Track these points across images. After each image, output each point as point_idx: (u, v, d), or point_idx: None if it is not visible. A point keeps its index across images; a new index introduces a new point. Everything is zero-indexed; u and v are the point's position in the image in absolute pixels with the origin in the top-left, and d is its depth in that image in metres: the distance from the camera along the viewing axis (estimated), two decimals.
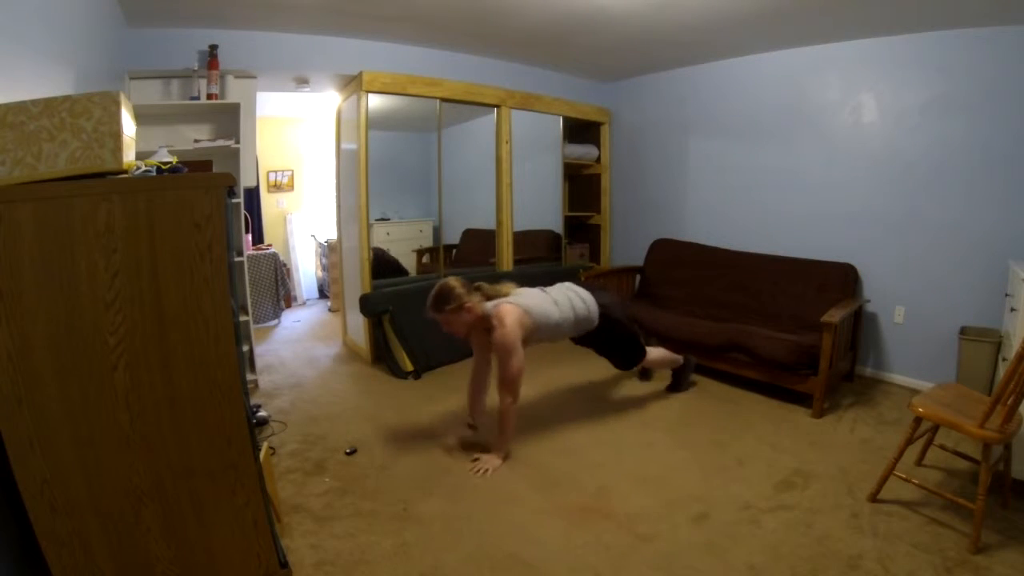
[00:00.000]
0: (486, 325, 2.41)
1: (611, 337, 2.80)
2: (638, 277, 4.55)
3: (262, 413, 2.85)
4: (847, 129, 3.53)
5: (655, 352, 3.05)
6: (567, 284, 2.75)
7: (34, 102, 1.22)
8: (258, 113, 3.43)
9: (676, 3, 2.92)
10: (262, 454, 1.65)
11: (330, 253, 5.50)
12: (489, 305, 2.41)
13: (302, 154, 6.27)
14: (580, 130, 4.92)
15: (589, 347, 2.85)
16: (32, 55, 1.60)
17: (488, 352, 2.56)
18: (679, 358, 3.19)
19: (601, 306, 2.70)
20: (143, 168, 1.43)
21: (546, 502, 2.11)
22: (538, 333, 2.48)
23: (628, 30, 3.40)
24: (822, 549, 1.81)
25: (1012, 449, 2.02)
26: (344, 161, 4.04)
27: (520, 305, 2.40)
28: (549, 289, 2.67)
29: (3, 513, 1.26)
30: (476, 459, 2.36)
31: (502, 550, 1.83)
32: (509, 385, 2.33)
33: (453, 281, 2.39)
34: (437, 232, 4.17)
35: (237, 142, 3.25)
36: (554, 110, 4.48)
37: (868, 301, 3.47)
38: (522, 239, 4.43)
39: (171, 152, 1.90)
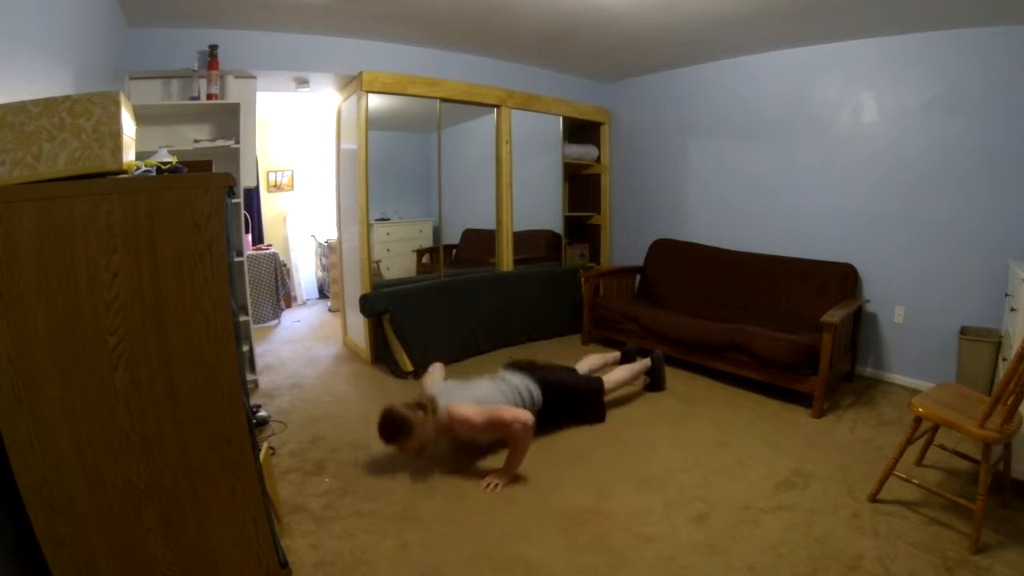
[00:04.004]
0: (441, 433, 2.38)
1: (563, 400, 2.70)
2: (638, 277, 4.56)
3: (262, 413, 2.85)
4: (847, 129, 3.53)
5: (617, 375, 2.97)
6: (496, 375, 2.67)
7: (34, 102, 1.22)
8: (258, 113, 3.43)
9: (676, 3, 2.92)
10: (262, 454, 1.65)
11: (330, 253, 5.50)
12: (437, 416, 2.33)
13: (302, 154, 6.27)
14: (580, 130, 4.92)
15: (552, 421, 2.69)
16: (32, 55, 1.60)
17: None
18: (647, 362, 3.20)
19: (541, 383, 2.63)
20: (143, 168, 1.42)
21: (547, 503, 2.11)
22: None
23: (628, 30, 3.40)
24: (822, 549, 1.81)
25: (1012, 449, 2.02)
26: (344, 161, 4.04)
27: (462, 399, 2.36)
28: (478, 381, 2.59)
29: (3, 513, 1.26)
30: (487, 476, 2.26)
31: (503, 551, 1.83)
32: (522, 431, 2.23)
33: (397, 408, 2.30)
34: (437, 232, 4.17)
35: (237, 142, 3.25)
36: (554, 110, 4.48)
37: (868, 301, 3.47)
38: (522, 239, 4.44)
39: (171, 152, 1.89)
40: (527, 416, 2.27)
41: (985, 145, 3.01)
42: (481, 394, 2.45)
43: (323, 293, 6.25)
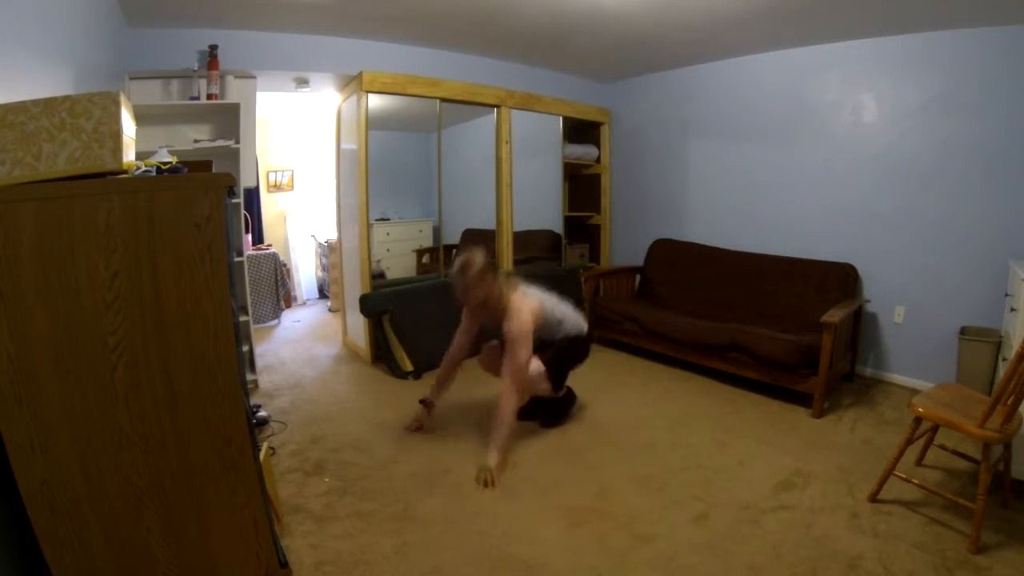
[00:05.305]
0: (496, 308, 2.46)
1: (565, 358, 2.69)
2: (638, 277, 4.55)
3: (262, 413, 2.85)
4: (847, 129, 3.53)
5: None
6: (558, 297, 2.74)
7: (34, 102, 1.22)
8: (258, 113, 3.42)
9: (676, 3, 2.92)
10: (262, 454, 1.66)
11: (330, 253, 5.50)
12: (507, 291, 2.46)
13: (302, 154, 6.27)
14: (580, 130, 4.92)
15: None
16: (32, 55, 1.60)
17: (472, 334, 2.70)
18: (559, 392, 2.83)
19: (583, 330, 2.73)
20: (143, 168, 1.42)
21: (546, 502, 2.11)
22: (542, 330, 2.52)
23: (628, 30, 3.40)
24: (822, 549, 1.81)
25: (1012, 449, 2.02)
26: (344, 161, 4.04)
27: (534, 297, 2.52)
28: (547, 294, 2.68)
29: (3, 513, 1.26)
30: (480, 470, 2.26)
31: (502, 550, 1.83)
32: (516, 375, 2.35)
33: (480, 255, 2.44)
34: (437, 232, 4.17)
35: (237, 142, 3.25)
36: (554, 110, 4.48)
37: (868, 301, 3.47)
38: (522, 239, 4.43)
39: (171, 152, 1.90)
40: (523, 379, 2.37)
41: (985, 145, 3.01)
42: (565, 310, 2.67)
43: (323, 293, 6.24)
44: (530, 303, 2.47)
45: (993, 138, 2.97)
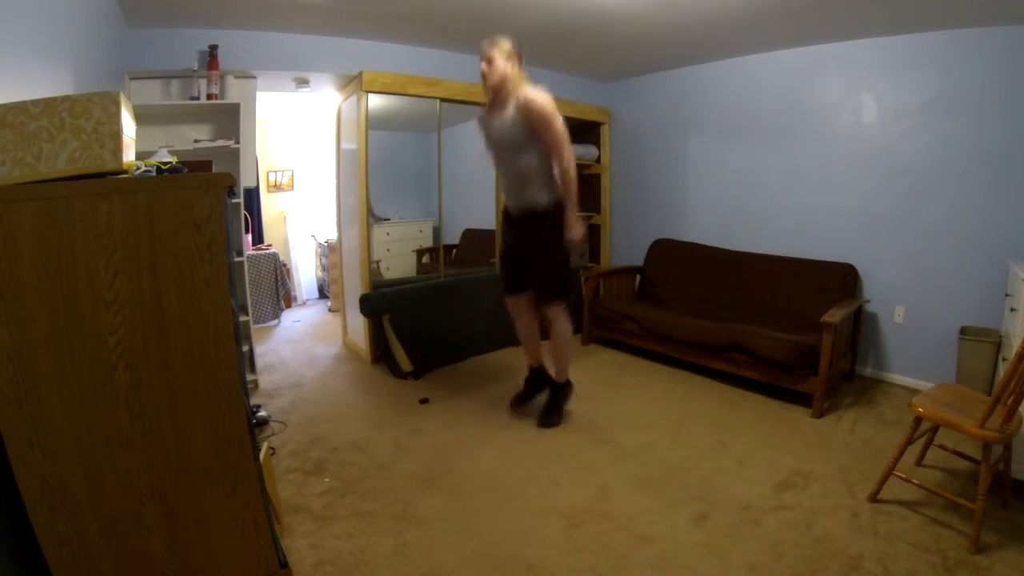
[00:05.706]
0: (508, 96, 2.56)
1: (549, 245, 2.60)
2: (638, 277, 4.55)
3: (262, 413, 2.85)
4: (847, 129, 3.53)
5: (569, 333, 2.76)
6: None
7: (34, 102, 1.22)
8: (258, 113, 3.42)
9: (676, 3, 2.92)
10: (262, 454, 1.65)
11: (330, 253, 5.50)
12: (525, 83, 2.57)
13: (302, 154, 6.27)
14: (580, 130, 4.90)
15: (519, 265, 2.71)
16: (32, 55, 1.60)
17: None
18: (566, 375, 2.85)
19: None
20: (143, 168, 1.42)
21: (547, 502, 2.11)
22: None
23: (628, 30, 3.40)
24: (822, 549, 1.81)
25: (1012, 449, 2.02)
26: (344, 161, 4.04)
27: None
28: None
29: (3, 513, 1.26)
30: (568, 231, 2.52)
31: (503, 550, 1.83)
32: (562, 146, 2.52)
33: (506, 40, 2.55)
34: (437, 232, 4.17)
35: (237, 142, 3.25)
36: None
37: (868, 301, 3.47)
38: None
39: (171, 152, 1.90)
40: (566, 143, 2.56)
41: (985, 145, 3.00)
42: None
43: (323, 293, 6.24)
44: (544, 96, 2.56)
45: (993, 138, 2.97)
